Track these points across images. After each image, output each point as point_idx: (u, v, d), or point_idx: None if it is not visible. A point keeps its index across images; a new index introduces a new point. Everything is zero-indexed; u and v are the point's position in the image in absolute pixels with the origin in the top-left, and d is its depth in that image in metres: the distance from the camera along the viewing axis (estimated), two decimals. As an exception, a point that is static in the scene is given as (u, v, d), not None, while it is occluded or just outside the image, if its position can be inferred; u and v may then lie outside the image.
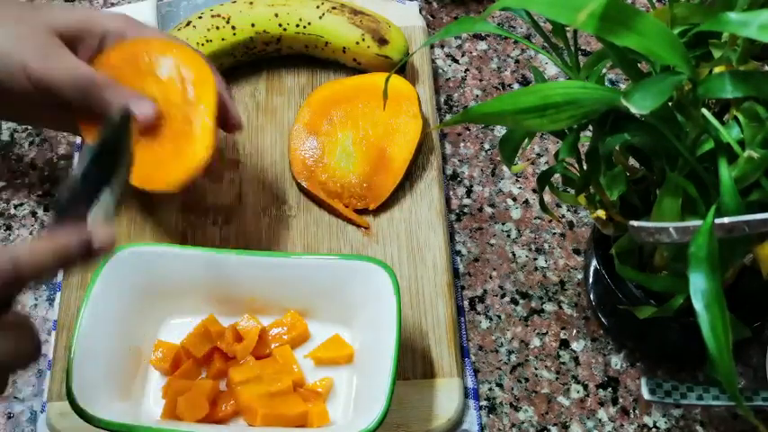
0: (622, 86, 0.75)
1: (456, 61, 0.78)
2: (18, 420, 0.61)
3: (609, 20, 0.37)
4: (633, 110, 0.37)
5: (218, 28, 0.71)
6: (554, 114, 0.41)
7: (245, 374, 0.58)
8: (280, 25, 0.72)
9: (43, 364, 0.63)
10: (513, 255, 0.68)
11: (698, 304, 0.39)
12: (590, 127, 0.49)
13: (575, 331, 0.64)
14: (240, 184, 0.69)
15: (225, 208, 0.68)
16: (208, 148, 0.57)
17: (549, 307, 0.65)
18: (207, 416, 0.57)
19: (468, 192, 0.71)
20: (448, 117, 0.75)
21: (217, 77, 0.59)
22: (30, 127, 0.74)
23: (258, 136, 0.71)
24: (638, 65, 0.44)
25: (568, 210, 0.70)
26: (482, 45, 0.79)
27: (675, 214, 0.46)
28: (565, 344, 0.64)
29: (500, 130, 0.74)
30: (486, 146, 0.73)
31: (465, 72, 0.77)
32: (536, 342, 0.64)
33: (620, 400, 0.62)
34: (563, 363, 0.63)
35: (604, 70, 0.50)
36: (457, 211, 0.70)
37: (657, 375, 0.62)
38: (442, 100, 0.76)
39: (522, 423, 0.61)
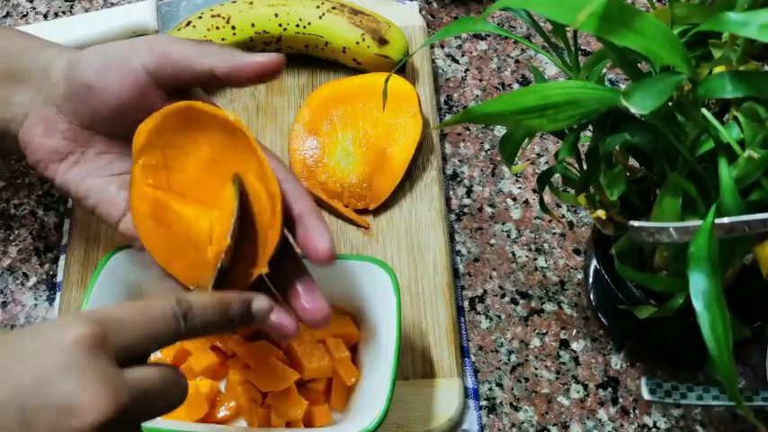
0: (622, 86, 0.75)
1: (456, 61, 0.78)
2: (18, 420, 0.61)
3: (609, 20, 0.37)
4: (633, 110, 0.37)
5: (218, 28, 0.71)
6: (554, 114, 0.41)
7: (245, 374, 0.58)
8: (280, 25, 0.72)
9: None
10: (513, 255, 0.68)
11: (698, 304, 0.39)
12: (590, 127, 0.49)
13: (575, 331, 0.64)
14: (240, 184, 0.69)
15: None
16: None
17: (549, 307, 0.65)
18: (206, 416, 0.57)
19: (468, 192, 0.71)
20: (448, 117, 0.75)
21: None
22: None
23: (258, 136, 0.71)
24: (638, 65, 0.44)
25: (568, 210, 0.70)
26: (482, 45, 0.79)
27: (675, 214, 0.46)
28: (565, 344, 0.64)
29: (500, 130, 0.74)
30: (486, 146, 0.73)
31: (465, 72, 0.77)
32: (536, 342, 0.64)
33: (620, 400, 0.62)
34: (563, 363, 0.63)
35: (604, 70, 0.50)
36: (457, 211, 0.70)
37: (657, 375, 0.62)
38: (442, 100, 0.76)
39: (522, 423, 0.61)
